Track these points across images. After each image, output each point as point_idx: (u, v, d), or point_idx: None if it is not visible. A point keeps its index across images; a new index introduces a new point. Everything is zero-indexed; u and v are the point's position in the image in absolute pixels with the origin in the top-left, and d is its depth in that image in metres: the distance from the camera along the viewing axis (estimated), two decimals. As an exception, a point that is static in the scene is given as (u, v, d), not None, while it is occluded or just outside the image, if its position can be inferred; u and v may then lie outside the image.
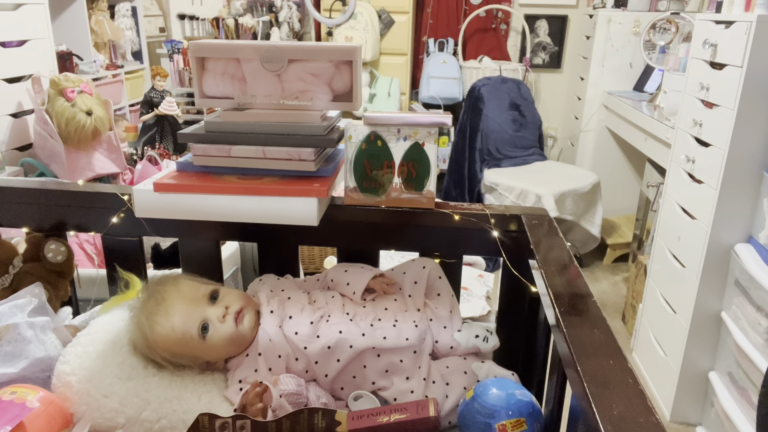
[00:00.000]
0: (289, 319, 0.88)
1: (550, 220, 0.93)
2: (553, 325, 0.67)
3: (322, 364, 0.85)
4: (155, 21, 4.21)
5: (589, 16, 3.54)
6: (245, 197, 0.84)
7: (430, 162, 0.90)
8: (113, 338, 0.87)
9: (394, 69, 3.92)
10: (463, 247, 0.99)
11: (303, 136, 0.85)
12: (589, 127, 3.43)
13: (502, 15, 3.98)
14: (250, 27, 3.82)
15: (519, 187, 2.85)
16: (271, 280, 0.99)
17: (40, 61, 2.54)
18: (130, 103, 3.60)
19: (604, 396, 0.50)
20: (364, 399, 0.85)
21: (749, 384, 1.57)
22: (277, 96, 0.87)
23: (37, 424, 0.74)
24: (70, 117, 2.26)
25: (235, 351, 0.87)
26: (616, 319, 2.61)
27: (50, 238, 1.00)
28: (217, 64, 0.86)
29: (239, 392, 0.82)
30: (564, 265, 0.77)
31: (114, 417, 0.81)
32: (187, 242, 1.03)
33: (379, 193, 0.92)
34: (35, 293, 0.95)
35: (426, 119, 0.89)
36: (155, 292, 0.87)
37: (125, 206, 0.97)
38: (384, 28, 3.85)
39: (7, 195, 1.00)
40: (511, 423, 0.74)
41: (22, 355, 0.85)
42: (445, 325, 0.91)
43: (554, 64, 4.02)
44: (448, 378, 0.87)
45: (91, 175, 2.39)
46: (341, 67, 0.86)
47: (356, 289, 0.92)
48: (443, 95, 3.74)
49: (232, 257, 1.55)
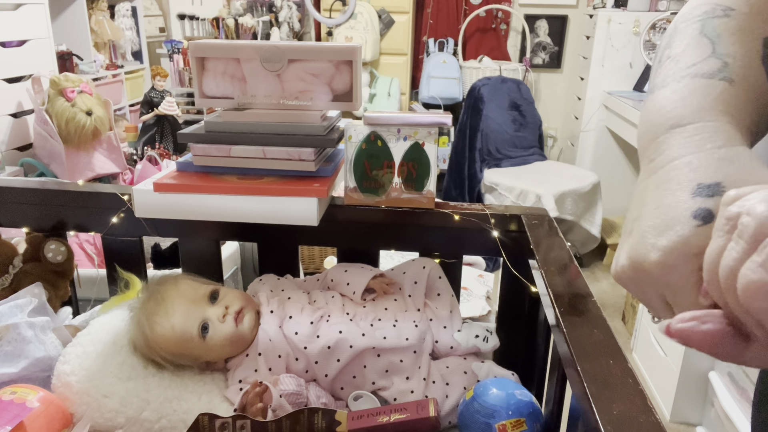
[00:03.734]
0: (289, 319, 0.88)
1: (550, 220, 0.93)
2: (553, 325, 0.67)
3: (322, 364, 0.85)
4: (155, 21, 4.21)
5: (589, 16, 3.54)
6: (245, 197, 0.84)
7: (430, 162, 0.90)
8: (113, 338, 0.87)
9: (394, 69, 3.92)
10: (463, 247, 0.99)
11: (303, 136, 0.85)
12: (589, 127, 3.43)
13: (502, 15, 3.98)
14: (250, 27, 3.82)
15: (519, 187, 2.85)
16: (271, 280, 0.99)
17: (40, 61, 2.54)
18: (130, 103, 3.60)
19: (604, 396, 0.50)
20: (364, 399, 0.85)
21: (749, 384, 1.57)
22: (277, 96, 0.87)
23: (37, 424, 0.74)
24: (70, 117, 2.26)
25: (235, 351, 0.87)
26: (616, 319, 2.61)
27: (50, 238, 1.00)
28: (217, 64, 0.86)
29: (239, 392, 0.82)
30: (564, 265, 0.77)
31: (114, 417, 0.81)
32: (187, 242, 1.03)
33: (379, 193, 0.92)
34: (35, 293, 0.95)
35: (426, 119, 0.89)
36: (155, 292, 0.87)
37: (125, 206, 0.97)
38: (384, 28, 3.85)
39: (7, 195, 1.00)
40: (511, 423, 0.74)
41: (22, 355, 0.85)
42: (445, 325, 0.91)
43: (554, 64, 4.02)
44: (448, 378, 0.87)
45: (91, 175, 2.39)
46: (341, 67, 0.86)
47: (356, 289, 0.92)
48: (443, 95, 3.74)
49: (232, 257, 1.55)
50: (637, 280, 0.36)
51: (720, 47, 0.40)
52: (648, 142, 0.40)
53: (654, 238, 0.34)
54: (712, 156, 0.35)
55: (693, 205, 0.33)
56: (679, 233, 0.33)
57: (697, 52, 0.41)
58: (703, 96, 0.38)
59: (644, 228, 0.35)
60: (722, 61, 0.40)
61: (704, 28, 0.42)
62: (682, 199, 0.34)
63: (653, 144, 0.39)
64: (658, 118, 0.39)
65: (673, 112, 0.39)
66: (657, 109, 0.40)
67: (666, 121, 0.39)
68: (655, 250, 0.34)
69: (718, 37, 0.41)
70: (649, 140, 0.39)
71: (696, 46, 0.41)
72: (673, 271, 0.33)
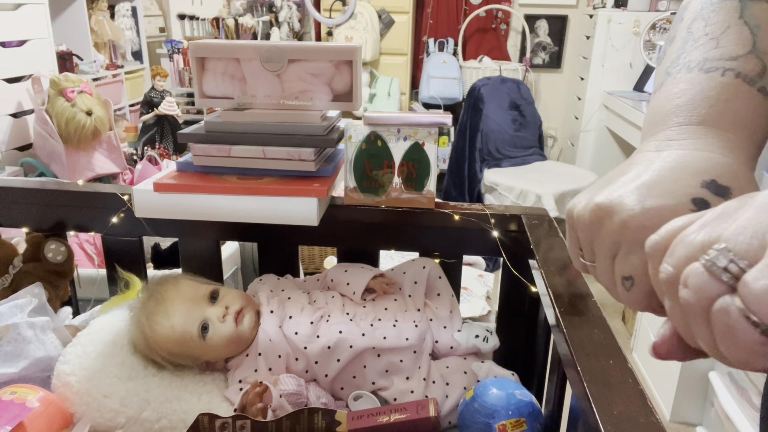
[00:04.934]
0: (289, 319, 0.88)
1: (550, 220, 0.93)
2: (553, 325, 0.67)
3: (322, 364, 0.85)
4: (155, 21, 4.21)
5: (589, 16, 3.54)
6: (245, 197, 0.84)
7: (430, 162, 0.90)
8: (113, 338, 0.87)
9: (394, 69, 3.92)
10: (463, 247, 0.99)
11: (303, 136, 0.85)
12: (589, 127, 3.43)
13: (502, 15, 3.98)
14: (250, 27, 3.82)
15: (519, 187, 2.85)
16: (271, 280, 0.99)
17: (40, 61, 2.54)
18: (130, 103, 3.60)
19: (604, 396, 0.50)
20: (364, 399, 0.85)
21: (749, 384, 1.57)
22: (277, 96, 0.87)
23: (37, 424, 0.74)
24: (70, 117, 2.26)
25: (235, 351, 0.87)
26: (616, 319, 2.61)
27: (50, 238, 1.00)
28: (217, 64, 0.86)
29: (239, 392, 0.82)
30: (564, 265, 0.77)
31: (114, 417, 0.81)
32: (187, 242, 1.03)
33: (379, 193, 0.92)
34: (35, 293, 0.95)
35: (426, 119, 0.89)
36: (155, 292, 0.87)
37: (125, 206, 0.97)
38: (384, 28, 3.85)
39: (7, 195, 1.00)
40: (511, 423, 0.74)
41: (22, 355, 0.85)
42: (445, 325, 0.91)
43: (554, 64, 4.02)
44: (448, 378, 0.87)
45: (91, 175, 2.39)
46: (341, 67, 0.86)
47: (356, 289, 0.92)
48: (443, 95, 3.74)
49: (232, 257, 1.55)
50: (598, 224, 0.36)
51: (760, 41, 0.40)
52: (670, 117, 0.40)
53: (646, 194, 0.34)
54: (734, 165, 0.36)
55: (697, 192, 0.33)
56: (672, 202, 0.33)
57: (738, 41, 0.41)
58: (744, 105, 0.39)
59: (639, 183, 0.35)
60: (762, 64, 0.40)
61: (744, 13, 0.41)
62: (690, 183, 0.34)
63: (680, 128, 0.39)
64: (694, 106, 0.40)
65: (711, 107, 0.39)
66: (695, 95, 0.40)
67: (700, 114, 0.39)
68: (640, 203, 0.34)
69: (757, 27, 0.41)
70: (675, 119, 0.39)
71: (736, 33, 0.41)
72: (646, 231, 0.32)
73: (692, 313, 0.27)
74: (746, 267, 0.25)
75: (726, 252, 0.26)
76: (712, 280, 0.26)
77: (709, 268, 0.26)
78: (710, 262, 0.26)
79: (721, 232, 0.27)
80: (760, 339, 0.24)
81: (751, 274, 0.24)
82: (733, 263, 0.25)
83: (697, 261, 0.27)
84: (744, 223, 0.26)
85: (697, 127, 0.38)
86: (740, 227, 0.26)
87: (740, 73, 0.40)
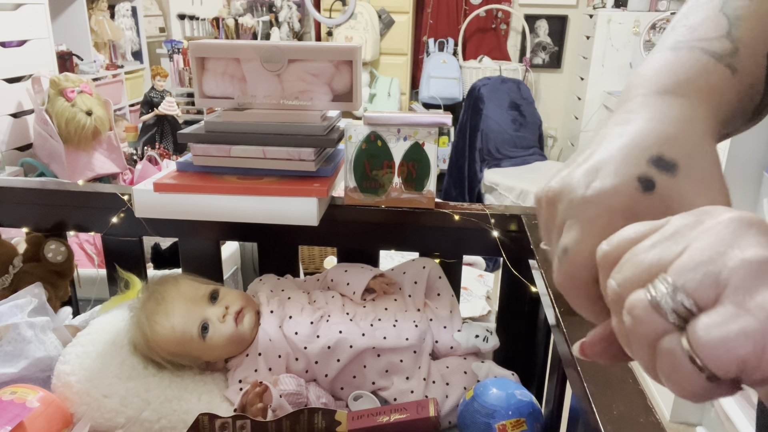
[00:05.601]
0: (289, 319, 0.88)
1: (550, 220, 0.93)
2: (553, 325, 0.67)
3: (322, 364, 0.85)
4: (155, 21, 4.21)
5: (589, 16, 3.54)
6: (245, 197, 0.84)
7: (430, 162, 0.90)
8: (113, 338, 0.87)
9: (394, 69, 3.92)
10: (463, 247, 0.99)
11: (303, 136, 0.85)
12: (589, 127, 3.43)
13: (502, 15, 3.98)
14: (250, 27, 3.82)
15: (519, 187, 2.85)
16: (271, 280, 0.99)
17: (40, 61, 2.54)
18: (130, 103, 3.60)
19: (604, 396, 0.50)
20: (364, 399, 0.85)
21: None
22: (277, 96, 0.87)
23: (37, 424, 0.74)
24: (70, 117, 2.26)
25: (235, 351, 0.87)
26: (616, 319, 2.61)
27: (50, 238, 1.00)
28: (217, 64, 0.86)
29: (239, 392, 0.82)
30: (564, 265, 0.77)
31: (114, 417, 0.81)
32: (187, 242, 1.03)
33: (379, 193, 0.92)
34: (35, 293, 0.95)
35: (426, 119, 0.89)
36: (155, 292, 0.87)
37: (125, 206, 0.97)
38: (384, 28, 3.85)
39: (7, 195, 1.00)
40: (511, 423, 0.74)
41: (22, 355, 0.85)
42: (445, 325, 0.91)
43: (554, 64, 4.02)
44: (448, 378, 0.87)
45: (91, 175, 2.39)
46: (341, 67, 0.86)
47: (356, 289, 0.92)
48: (443, 95, 3.74)
49: (232, 257, 1.55)
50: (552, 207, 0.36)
51: (736, 30, 0.41)
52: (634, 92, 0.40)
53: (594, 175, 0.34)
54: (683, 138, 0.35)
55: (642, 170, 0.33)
56: (618, 181, 0.33)
57: (713, 27, 0.41)
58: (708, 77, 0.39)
59: (589, 165, 0.35)
60: (734, 46, 0.40)
61: (725, 7, 0.42)
62: (637, 160, 0.34)
63: (640, 98, 0.39)
64: (657, 76, 0.40)
65: (671, 77, 0.39)
66: (659, 67, 0.40)
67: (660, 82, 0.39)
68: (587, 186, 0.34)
69: (737, 19, 0.41)
70: (637, 92, 0.40)
71: (714, 21, 0.41)
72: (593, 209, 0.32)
73: (635, 341, 0.26)
74: (695, 309, 0.24)
75: (674, 292, 0.24)
76: (658, 317, 0.25)
77: (655, 306, 0.25)
78: (655, 301, 0.25)
79: (672, 257, 0.25)
80: (705, 384, 0.24)
81: (702, 322, 0.23)
82: (682, 305, 0.24)
83: (642, 288, 0.25)
84: (697, 256, 0.24)
85: (655, 96, 0.38)
86: (693, 262, 0.24)
87: (708, 50, 0.40)
